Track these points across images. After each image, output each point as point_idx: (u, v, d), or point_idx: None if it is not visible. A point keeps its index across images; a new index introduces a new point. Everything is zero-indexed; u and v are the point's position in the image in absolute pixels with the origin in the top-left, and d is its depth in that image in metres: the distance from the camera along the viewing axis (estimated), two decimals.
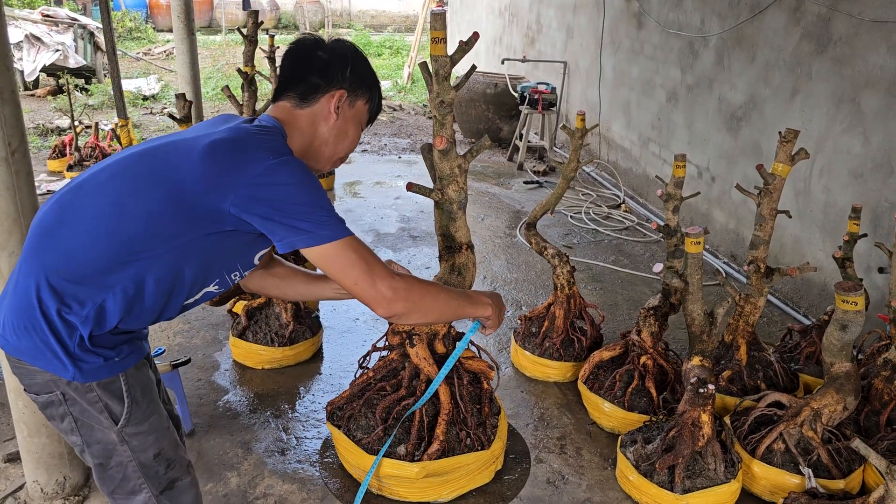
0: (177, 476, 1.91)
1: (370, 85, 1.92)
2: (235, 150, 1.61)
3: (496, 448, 2.89)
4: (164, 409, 1.91)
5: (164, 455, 1.86)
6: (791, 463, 2.87)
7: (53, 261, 1.62)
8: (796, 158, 3.18)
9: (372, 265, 1.66)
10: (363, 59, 1.92)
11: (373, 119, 1.98)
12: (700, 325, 2.89)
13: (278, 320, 3.78)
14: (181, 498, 1.93)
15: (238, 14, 20.94)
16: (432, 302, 1.82)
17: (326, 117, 1.85)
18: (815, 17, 4.48)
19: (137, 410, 1.77)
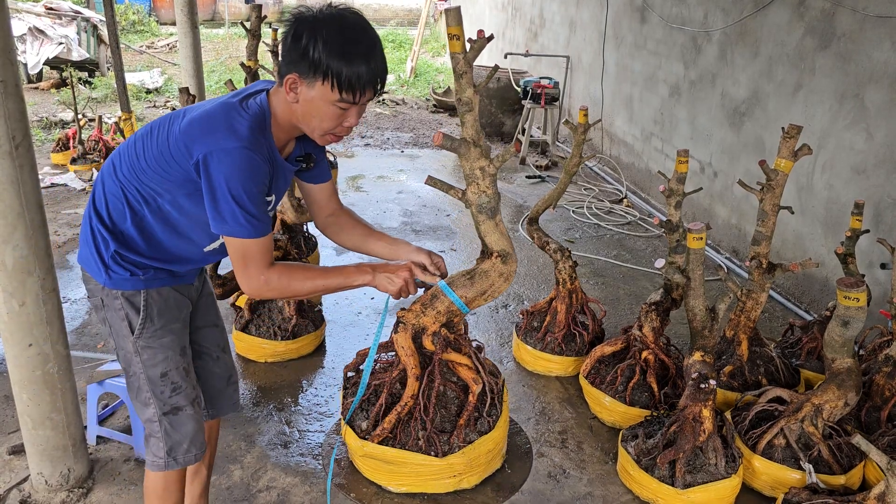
0: (181, 405, 2.14)
1: (328, 67, 1.79)
2: (207, 123, 1.85)
3: (455, 462, 2.74)
4: (182, 340, 2.15)
5: (171, 378, 2.11)
6: (792, 458, 2.88)
7: (98, 187, 2.03)
8: (799, 154, 3.18)
9: (252, 265, 1.93)
10: (327, 38, 1.79)
11: (355, 90, 1.84)
12: (702, 320, 2.90)
13: (281, 314, 3.79)
14: (183, 426, 2.15)
15: (241, 7, 20.92)
16: (299, 286, 2.04)
17: (289, 99, 1.89)
18: (819, 13, 4.47)
19: (151, 327, 2.06)
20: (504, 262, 2.60)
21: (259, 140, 1.84)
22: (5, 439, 3.08)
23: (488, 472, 2.94)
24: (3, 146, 2.31)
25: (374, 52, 1.85)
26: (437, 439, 2.74)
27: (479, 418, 2.83)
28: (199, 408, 2.21)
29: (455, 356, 2.76)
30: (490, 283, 2.60)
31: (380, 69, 1.87)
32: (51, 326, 2.56)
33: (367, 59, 1.82)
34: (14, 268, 2.42)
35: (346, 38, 1.81)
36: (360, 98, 1.87)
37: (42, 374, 2.58)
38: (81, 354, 3.71)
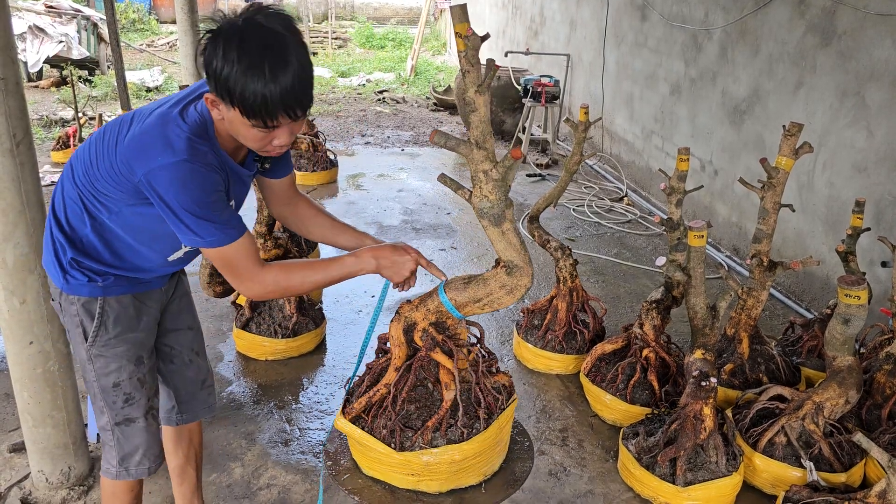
0: (134, 416, 2.10)
1: (230, 90, 1.63)
2: (142, 140, 1.75)
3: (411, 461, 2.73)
4: (140, 350, 2.07)
5: (123, 388, 2.05)
6: (793, 456, 2.88)
7: (58, 191, 1.96)
8: (800, 152, 3.18)
9: (241, 269, 1.87)
10: (229, 56, 1.61)
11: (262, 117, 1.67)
12: (702, 318, 2.90)
13: (282, 312, 3.79)
14: (135, 438, 2.12)
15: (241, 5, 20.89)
16: (298, 283, 1.98)
17: (216, 116, 1.77)
18: (820, 10, 4.47)
19: (104, 335, 1.99)
20: (508, 274, 2.49)
21: (199, 150, 1.73)
22: (6, 437, 3.08)
23: (455, 483, 2.84)
24: (4, 144, 2.31)
25: (281, 73, 1.63)
26: (399, 433, 2.74)
27: (452, 426, 2.76)
28: (155, 420, 2.16)
29: (441, 358, 2.72)
30: (488, 293, 2.52)
31: (290, 92, 1.65)
32: (51, 324, 2.56)
33: (272, 81, 1.62)
34: (15, 266, 2.42)
35: (249, 56, 1.61)
36: (271, 124, 1.70)
37: (43, 372, 2.58)
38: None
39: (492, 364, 2.97)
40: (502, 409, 2.88)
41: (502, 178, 2.33)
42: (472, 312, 2.60)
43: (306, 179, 6.84)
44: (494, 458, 2.93)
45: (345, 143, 8.84)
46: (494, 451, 2.90)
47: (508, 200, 2.40)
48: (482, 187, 2.35)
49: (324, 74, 13.80)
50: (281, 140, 1.77)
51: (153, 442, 2.16)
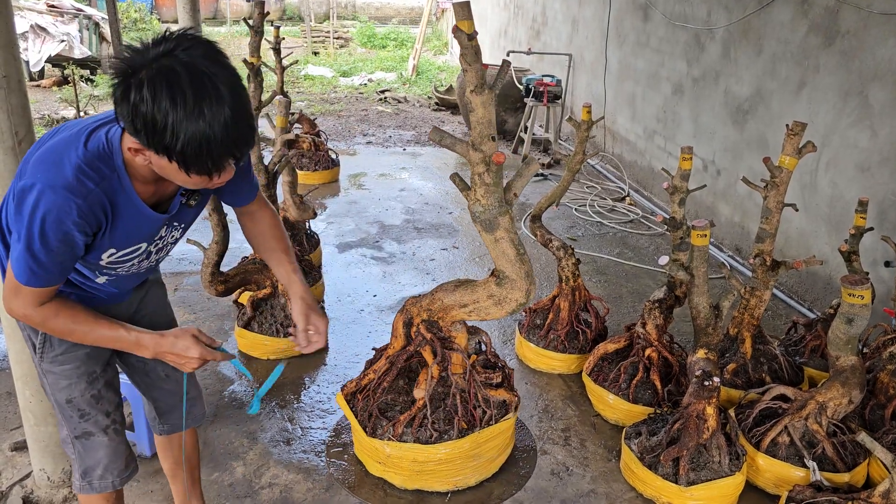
0: (91, 431, 2.02)
1: (163, 145, 1.45)
2: (42, 156, 1.61)
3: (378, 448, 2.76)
4: (91, 366, 1.96)
5: (76, 404, 1.98)
6: (796, 456, 2.87)
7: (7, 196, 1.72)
8: (803, 152, 3.17)
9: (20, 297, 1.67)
10: (157, 103, 1.40)
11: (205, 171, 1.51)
12: (705, 317, 2.89)
13: (283, 311, 3.79)
14: (95, 452, 2.05)
15: (243, 5, 20.90)
16: (61, 331, 1.78)
17: (140, 161, 1.58)
18: (823, 10, 4.46)
19: (51, 351, 1.92)
20: (498, 285, 2.41)
21: (85, 185, 1.56)
22: (8, 436, 3.08)
23: (420, 484, 2.81)
24: (6, 142, 2.31)
25: (218, 115, 1.43)
26: (374, 419, 2.77)
27: (424, 426, 2.74)
28: (117, 434, 2.06)
29: (427, 356, 2.72)
30: (475, 300, 2.47)
31: (232, 135, 1.46)
32: None
33: (213, 125, 1.43)
34: None
35: (179, 101, 1.41)
36: (214, 171, 1.53)
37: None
38: None
39: (493, 377, 2.89)
40: (488, 425, 2.80)
41: (494, 182, 2.24)
42: (458, 318, 2.58)
43: (308, 179, 6.84)
44: (467, 471, 2.83)
45: (346, 143, 8.84)
46: (468, 464, 2.80)
47: (504, 207, 2.30)
48: (476, 190, 2.29)
49: (325, 74, 13.80)
50: (224, 177, 1.60)
51: (115, 457, 2.08)
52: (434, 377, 2.73)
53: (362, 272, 5.02)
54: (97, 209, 1.60)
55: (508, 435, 2.95)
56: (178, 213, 1.84)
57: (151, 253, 1.88)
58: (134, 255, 1.82)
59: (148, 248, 1.84)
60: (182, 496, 2.52)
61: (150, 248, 1.85)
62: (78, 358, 1.94)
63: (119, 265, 1.82)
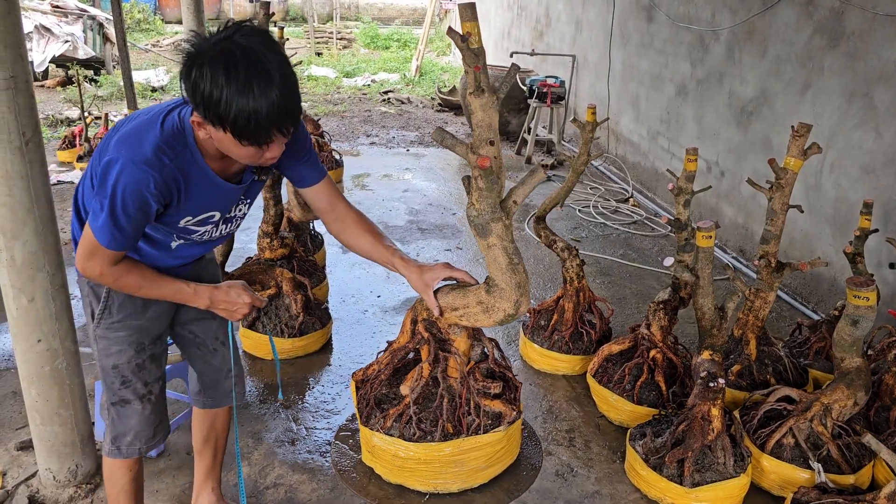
0: (128, 398, 2.18)
1: (217, 114, 1.65)
2: (126, 136, 1.82)
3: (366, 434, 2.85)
4: (144, 336, 2.14)
5: (121, 371, 2.14)
6: (801, 458, 2.87)
7: (86, 171, 2.00)
8: (808, 153, 3.16)
9: (96, 258, 1.89)
10: (213, 78, 1.61)
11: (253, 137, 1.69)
12: (710, 319, 2.89)
13: (288, 311, 3.79)
14: (128, 420, 2.20)
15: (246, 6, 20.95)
16: (133, 287, 1.99)
17: (202, 136, 1.79)
18: (828, 11, 4.46)
19: (108, 318, 2.09)
20: (487, 293, 2.37)
21: (161, 160, 1.77)
22: (13, 435, 3.09)
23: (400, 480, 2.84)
24: (13, 142, 2.31)
25: (269, 92, 1.63)
26: (369, 408, 2.82)
27: (409, 424, 2.75)
28: (151, 403, 2.22)
29: (423, 353, 2.74)
30: (465, 304, 2.44)
31: (280, 110, 1.66)
32: (59, 322, 2.57)
33: (262, 101, 1.63)
34: (23, 264, 2.43)
35: (233, 77, 1.61)
36: (263, 143, 1.72)
37: (51, 370, 2.59)
38: (89, 350, 3.70)
39: (492, 387, 2.82)
40: (475, 433, 2.75)
41: (486, 187, 2.20)
42: (451, 321, 2.57)
43: None
44: (448, 476, 2.79)
45: (350, 144, 8.85)
46: (448, 469, 2.77)
47: (498, 214, 2.25)
48: (472, 194, 2.27)
49: (329, 75, 13.81)
50: (273, 153, 1.80)
51: (146, 425, 2.23)
52: (423, 376, 2.74)
53: (366, 273, 5.02)
54: (171, 182, 1.81)
55: (499, 448, 2.83)
56: (250, 187, 2.06)
57: (221, 223, 2.08)
58: (209, 222, 2.02)
59: (222, 217, 2.05)
60: (202, 474, 2.60)
61: (223, 217, 2.06)
62: (131, 327, 2.12)
63: (195, 230, 2.02)
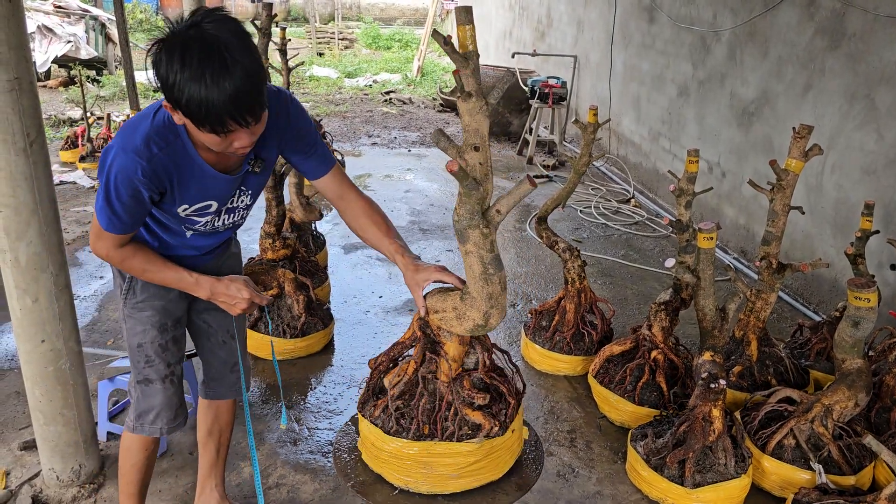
0: (151, 378, 2.25)
1: (175, 99, 1.66)
2: (125, 126, 1.93)
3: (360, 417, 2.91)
4: (166, 317, 2.21)
5: (145, 350, 2.22)
6: (801, 459, 2.87)
7: None
8: (810, 154, 3.17)
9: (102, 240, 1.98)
10: (172, 63, 1.63)
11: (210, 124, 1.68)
12: (711, 320, 2.89)
13: (290, 312, 3.80)
14: (151, 398, 2.27)
15: (248, 6, 20.95)
16: (138, 271, 2.08)
17: (177, 121, 1.80)
18: (829, 13, 4.46)
19: (133, 298, 2.18)
20: (461, 299, 2.37)
21: (150, 149, 1.82)
22: (17, 435, 3.10)
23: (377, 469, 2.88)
24: (18, 143, 2.32)
25: (223, 80, 1.61)
26: (366, 395, 2.91)
27: (389, 416, 2.78)
28: (173, 385, 2.29)
29: (415, 352, 2.78)
30: (443, 308, 2.43)
31: (235, 99, 1.64)
32: (63, 323, 2.57)
33: (214, 89, 1.61)
34: (27, 264, 2.44)
35: (190, 64, 1.61)
36: (220, 132, 1.70)
37: (54, 371, 2.60)
38: (92, 351, 3.72)
39: (476, 398, 2.73)
40: (448, 440, 2.73)
41: (465, 193, 2.17)
42: (435, 324, 2.55)
43: None
44: (417, 476, 2.79)
45: (351, 144, 8.86)
46: (417, 470, 2.78)
47: (476, 220, 2.21)
48: (458, 197, 2.24)
49: (330, 75, 13.83)
50: (241, 143, 1.78)
51: (167, 406, 2.29)
52: (407, 373, 2.77)
53: (368, 273, 5.03)
54: (161, 171, 1.85)
55: (472, 460, 2.76)
56: (245, 178, 2.07)
57: (223, 213, 2.11)
58: (207, 212, 2.05)
59: (220, 208, 2.08)
60: (205, 470, 2.62)
61: (223, 208, 2.09)
62: (154, 307, 2.19)
63: (197, 220, 2.06)
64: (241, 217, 2.23)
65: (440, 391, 2.74)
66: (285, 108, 2.06)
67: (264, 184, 2.22)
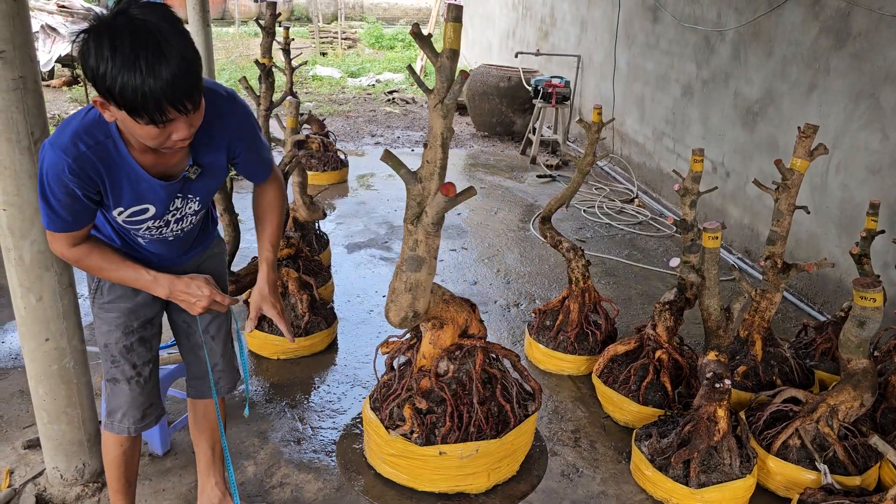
0: (117, 378, 2.24)
1: (107, 88, 1.58)
2: None
3: None
4: (132, 319, 2.18)
5: (110, 351, 2.21)
6: (807, 459, 2.86)
7: None
8: (815, 154, 3.16)
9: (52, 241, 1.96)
10: (101, 51, 1.56)
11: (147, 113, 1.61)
12: (716, 319, 2.89)
13: (294, 311, 3.80)
14: (117, 397, 2.27)
15: (251, 6, 20.96)
16: (94, 269, 2.04)
17: (108, 118, 1.73)
18: (834, 12, 4.45)
19: (100, 297, 2.17)
20: (392, 289, 2.39)
21: (77, 147, 1.76)
22: (21, 433, 3.10)
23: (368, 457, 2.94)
24: (22, 141, 2.32)
25: (158, 66, 1.55)
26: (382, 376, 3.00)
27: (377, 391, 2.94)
28: (139, 385, 2.26)
29: None
30: (392, 289, 2.40)
31: (173, 85, 1.58)
32: (67, 321, 2.57)
33: (150, 76, 1.55)
34: (32, 263, 2.44)
35: (122, 52, 1.54)
36: (161, 120, 1.63)
37: (58, 369, 2.59)
38: (96, 349, 3.71)
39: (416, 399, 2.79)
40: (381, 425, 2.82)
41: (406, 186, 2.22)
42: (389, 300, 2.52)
43: (317, 179, 6.86)
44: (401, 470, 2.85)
45: (355, 144, 8.85)
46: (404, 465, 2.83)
47: (409, 215, 2.25)
48: None
49: (333, 75, 13.83)
50: (179, 134, 1.70)
51: (133, 406, 2.27)
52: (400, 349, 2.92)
53: (371, 272, 5.03)
54: (89, 169, 1.79)
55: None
56: (186, 184, 1.99)
57: (171, 221, 2.05)
58: (146, 217, 1.97)
59: (162, 214, 2.00)
60: (204, 468, 2.61)
61: (168, 216, 2.02)
62: (120, 309, 2.17)
63: (138, 225, 1.99)
64: (192, 224, 2.15)
65: (407, 380, 2.85)
66: (236, 109, 2.00)
67: (214, 189, 2.13)
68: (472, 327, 2.80)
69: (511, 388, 2.91)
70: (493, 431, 2.78)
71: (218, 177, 2.09)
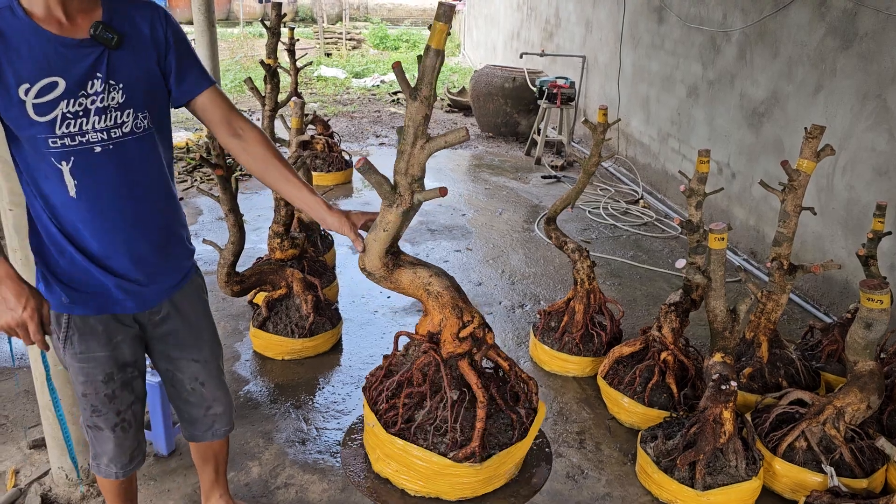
0: (100, 426, 2.10)
1: None
2: None
3: None
4: (109, 366, 2.01)
5: (90, 400, 2.05)
6: (813, 461, 2.85)
7: None
8: (822, 155, 3.15)
9: None
10: None
11: None
12: (722, 321, 2.88)
13: (298, 312, 3.80)
14: (101, 444, 2.15)
15: (255, 6, 21.00)
16: None
17: None
18: (841, 12, 4.43)
19: (70, 349, 1.98)
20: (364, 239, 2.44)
21: None
22: (27, 433, 3.10)
23: None
24: None
25: None
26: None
27: None
28: (125, 431, 2.13)
29: None
30: None
31: None
32: None
33: None
34: None
35: None
36: None
37: (63, 370, 2.59)
38: None
39: None
40: None
41: None
42: None
43: (321, 180, 6.86)
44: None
45: (359, 144, 8.86)
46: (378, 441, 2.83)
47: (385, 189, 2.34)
48: None
49: (338, 75, 13.84)
50: None
51: (120, 452, 2.16)
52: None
53: None
54: None
55: None
56: (103, 58, 1.75)
57: (91, 111, 1.74)
58: (55, 94, 1.69)
59: (76, 91, 1.72)
60: (208, 484, 2.58)
61: (85, 99, 1.73)
62: (95, 359, 2.00)
63: (48, 112, 1.70)
64: (115, 122, 1.79)
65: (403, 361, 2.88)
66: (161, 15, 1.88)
67: (141, 81, 1.83)
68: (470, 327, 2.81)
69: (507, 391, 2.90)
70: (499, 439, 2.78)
71: (145, 69, 1.84)
